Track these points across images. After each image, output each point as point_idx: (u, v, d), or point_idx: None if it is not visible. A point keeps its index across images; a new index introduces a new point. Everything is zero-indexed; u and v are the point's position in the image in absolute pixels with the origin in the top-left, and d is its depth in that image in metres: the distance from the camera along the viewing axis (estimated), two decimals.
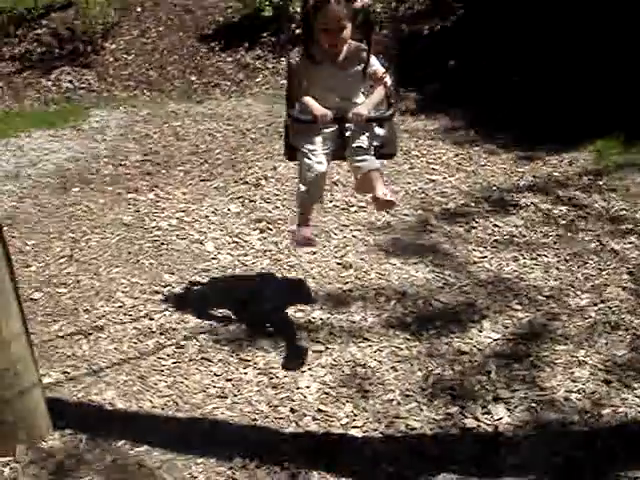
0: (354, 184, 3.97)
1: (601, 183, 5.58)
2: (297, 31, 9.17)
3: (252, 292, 4.44)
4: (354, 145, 3.73)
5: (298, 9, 9.22)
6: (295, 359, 3.82)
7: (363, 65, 3.73)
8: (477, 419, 3.35)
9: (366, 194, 4.15)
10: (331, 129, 3.75)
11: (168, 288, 4.51)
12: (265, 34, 9.20)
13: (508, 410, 3.39)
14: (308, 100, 3.70)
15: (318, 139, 3.74)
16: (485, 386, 3.55)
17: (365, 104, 3.72)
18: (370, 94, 3.83)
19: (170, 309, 4.29)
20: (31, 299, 4.42)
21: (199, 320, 4.17)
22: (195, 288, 4.52)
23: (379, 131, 3.86)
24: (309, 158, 3.69)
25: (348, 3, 3.56)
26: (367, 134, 3.77)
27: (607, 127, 6.24)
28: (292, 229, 4.10)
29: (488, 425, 3.31)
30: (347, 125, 3.73)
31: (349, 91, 3.81)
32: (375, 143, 3.81)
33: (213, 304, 4.33)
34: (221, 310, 4.26)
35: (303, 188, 3.73)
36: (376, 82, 3.79)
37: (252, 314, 4.21)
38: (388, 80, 3.75)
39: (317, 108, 3.63)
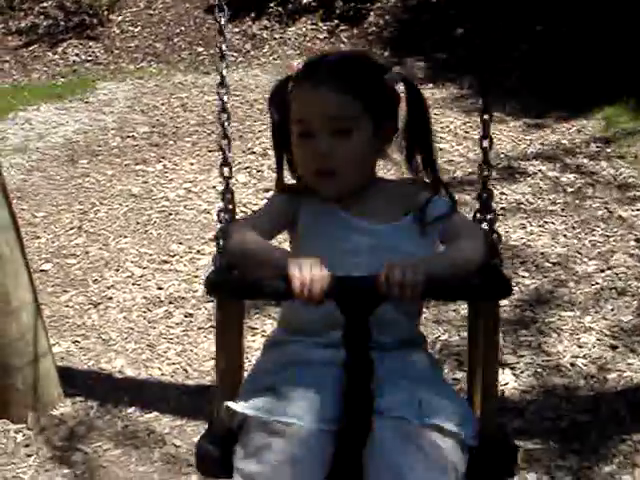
0: None
1: (609, 150, 5.57)
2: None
3: None
4: (383, 429, 1.55)
5: None
6: None
7: (415, 211, 1.79)
8: (498, 393, 3.36)
9: None
10: (328, 352, 1.64)
11: (176, 257, 4.54)
12: (272, 4, 9.16)
13: (514, 375, 3.41)
14: (275, 249, 1.73)
15: (309, 398, 1.58)
16: None
17: (423, 259, 1.63)
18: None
19: (179, 278, 4.32)
20: (41, 270, 4.46)
21: None
22: (203, 257, 4.55)
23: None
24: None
25: (359, 75, 1.75)
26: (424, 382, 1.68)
27: (616, 94, 6.21)
28: None
29: None
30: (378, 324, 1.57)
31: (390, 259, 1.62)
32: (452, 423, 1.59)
33: None
34: None
35: None
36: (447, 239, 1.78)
37: None
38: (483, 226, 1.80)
39: (303, 262, 1.51)
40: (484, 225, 1.77)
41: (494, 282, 1.63)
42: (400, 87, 1.81)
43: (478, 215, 1.79)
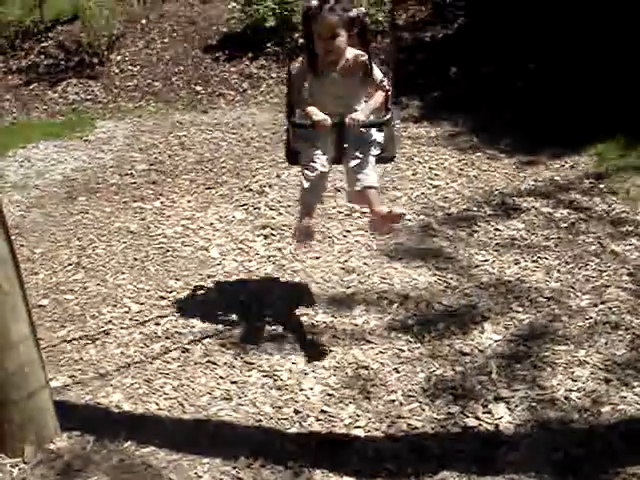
0: (348, 195, 4.10)
1: (602, 186, 5.63)
2: (300, 41, 9.26)
3: (256, 297, 4.49)
4: (352, 156, 3.85)
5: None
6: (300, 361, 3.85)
7: (362, 72, 3.85)
8: (478, 418, 3.39)
9: (362, 206, 4.29)
10: (331, 136, 3.84)
11: (174, 294, 4.58)
12: (269, 44, 9.29)
13: (509, 409, 3.43)
14: (308, 106, 3.82)
15: (319, 143, 3.87)
16: (486, 386, 3.59)
17: (362, 110, 3.86)
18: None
19: (176, 314, 4.35)
20: (39, 305, 4.49)
21: (204, 324, 4.23)
22: (200, 293, 4.59)
23: (377, 136, 3.96)
24: (311, 160, 3.86)
25: (342, 11, 3.70)
26: (365, 141, 3.89)
27: (608, 131, 6.30)
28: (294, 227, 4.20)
29: (489, 424, 3.35)
30: (346, 131, 3.81)
31: (349, 98, 3.93)
32: (374, 152, 3.92)
33: (218, 309, 4.39)
34: (226, 314, 4.31)
35: (306, 186, 3.86)
36: (374, 89, 3.93)
37: (256, 318, 4.27)
38: (386, 85, 3.88)
39: (316, 114, 3.75)
40: (386, 82, 3.89)
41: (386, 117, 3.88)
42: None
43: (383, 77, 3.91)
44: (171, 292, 4.60)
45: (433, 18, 9.24)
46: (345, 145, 3.85)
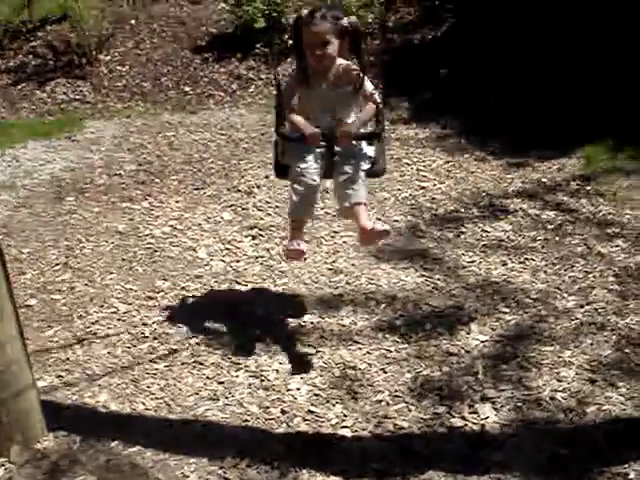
0: (339, 211, 4.15)
1: (589, 188, 5.67)
2: (289, 42, 9.28)
3: (244, 297, 4.50)
4: (341, 171, 3.77)
5: (290, 20, 9.35)
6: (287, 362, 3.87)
7: (353, 84, 3.79)
8: (464, 418, 3.41)
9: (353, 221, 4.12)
10: (322, 149, 3.78)
11: (161, 294, 4.58)
12: (258, 45, 9.29)
13: (495, 409, 3.45)
14: (298, 119, 3.76)
15: (309, 157, 3.77)
16: (472, 386, 3.61)
17: (353, 123, 3.82)
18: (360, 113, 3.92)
19: (163, 314, 4.36)
20: (26, 305, 4.48)
21: (192, 325, 4.23)
22: (188, 294, 4.59)
23: (368, 150, 3.88)
24: (301, 175, 3.74)
25: (334, 20, 3.66)
26: (355, 156, 3.81)
27: (596, 133, 6.33)
28: (285, 244, 4.04)
29: (475, 424, 3.37)
30: (336, 146, 3.78)
31: (340, 110, 3.86)
32: (364, 166, 3.83)
33: (206, 309, 4.39)
34: (214, 315, 4.32)
35: (296, 200, 3.76)
36: (365, 101, 3.87)
37: (244, 319, 4.28)
38: (377, 98, 3.83)
39: (307, 127, 3.69)
40: (377, 95, 3.86)
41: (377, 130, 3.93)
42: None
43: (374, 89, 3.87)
44: (159, 292, 4.60)
45: (422, 20, 9.26)
46: (335, 158, 3.79)
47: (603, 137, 6.30)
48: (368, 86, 3.83)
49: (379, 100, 3.83)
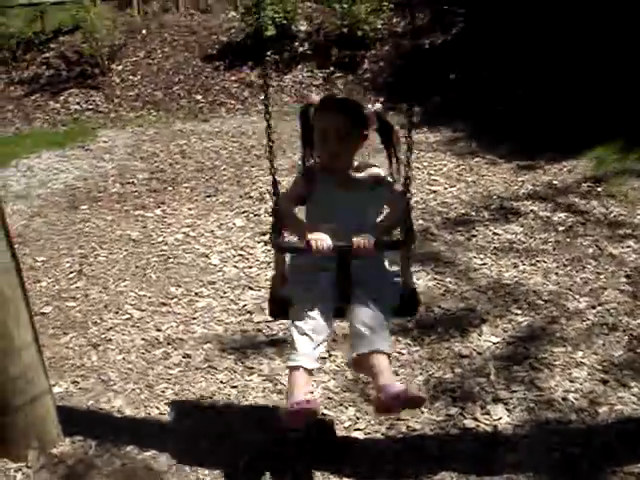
0: (349, 359, 3.30)
1: (600, 189, 5.67)
2: (300, 49, 9.32)
3: (257, 303, 4.53)
4: (359, 301, 2.90)
5: (301, 27, 9.40)
6: None
7: (377, 187, 3.03)
8: (476, 419, 3.42)
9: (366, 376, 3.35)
10: (332, 268, 2.91)
11: (175, 300, 4.61)
12: (269, 53, 9.35)
13: (507, 410, 3.46)
14: (300, 222, 3.02)
15: (317, 289, 2.91)
16: (485, 388, 3.62)
17: (374, 227, 3.00)
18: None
19: (177, 320, 4.39)
20: (42, 313, 4.53)
21: (205, 330, 4.27)
22: (201, 300, 4.62)
23: (395, 271, 3.05)
24: (307, 308, 2.87)
25: (354, 108, 2.97)
26: (381, 282, 3.00)
27: (606, 135, 6.35)
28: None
29: (487, 425, 3.38)
30: (354, 263, 2.90)
31: (359, 220, 2.98)
32: (391, 299, 2.96)
33: (219, 315, 4.43)
34: (227, 320, 4.35)
35: (299, 345, 2.86)
36: (391, 207, 3.09)
37: (257, 324, 4.31)
38: (404, 202, 2.86)
39: (312, 231, 2.85)
40: (406, 196, 2.85)
41: (407, 237, 2.90)
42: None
43: (405, 195, 2.86)
44: (172, 299, 4.64)
45: (432, 25, 9.29)
46: (351, 284, 2.92)
47: (613, 138, 6.32)
48: (395, 188, 3.01)
49: (409, 195, 2.84)
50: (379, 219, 3.12)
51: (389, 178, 3.04)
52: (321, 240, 2.80)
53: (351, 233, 2.84)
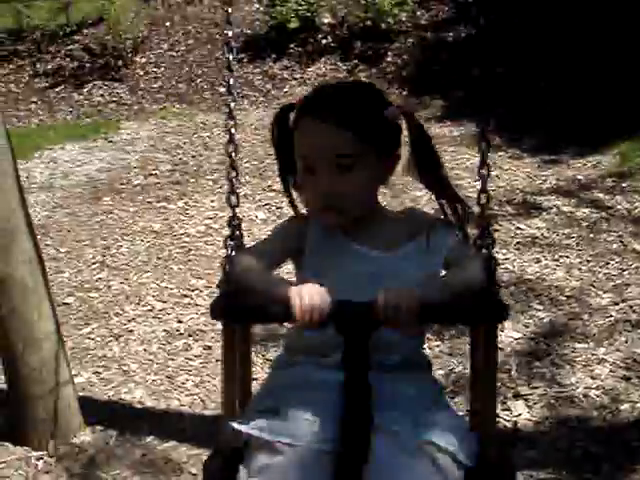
0: None
1: (624, 185, 5.62)
2: (323, 42, 9.30)
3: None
4: (388, 435, 1.60)
5: (325, 20, 9.39)
6: None
7: (421, 239, 1.81)
8: (497, 415, 3.39)
9: None
10: (329, 374, 1.66)
11: (196, 292, 4.63)
12: (292, 45, 9.35)
13: (527, 407, 3.44)
14: (275, 277, 1.81)
15: (303, 417, 1.62)
16: (505, 383, 3.60)
17: (426, 284, 1.72)
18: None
19: (198, 312, 4.40)
20: (64, 303, 4.55)
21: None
22: None
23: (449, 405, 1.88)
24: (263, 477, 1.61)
25: (361, 107, 1.77)
26: (425, 392, 1.79)
27: (631, 129, 6.29)
28: None
29: (507, 421, 3.36)
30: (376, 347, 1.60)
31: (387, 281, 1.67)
32: (446, 437, 1.63)
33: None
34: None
35: None
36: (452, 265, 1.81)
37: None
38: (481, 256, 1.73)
39: (303, 289, 1.57)
40: (483, 251, 1.72)
41: (489, 305, 1.64)
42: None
43: (478, 242, 1.74)
44: (193, 290, 4.65)
45: (456, 17, 9.24)
46: (367, 409, 1.58)
47: (638, 133, 6.24)
48: (456, 244, 1.82)
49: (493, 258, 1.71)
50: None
51: (441, 224, 1.85)
52: (311, 295, 1.55)
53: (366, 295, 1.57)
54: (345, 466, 1.56)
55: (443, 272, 1.83)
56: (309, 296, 1.54)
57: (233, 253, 1.78)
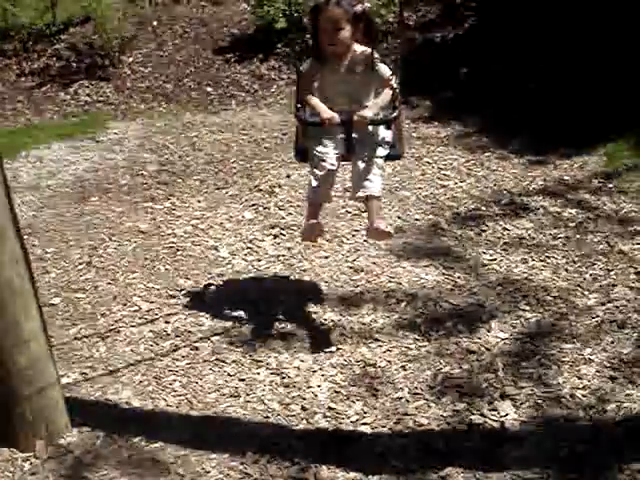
0: (352, 194, 4.03)
1: (611, 186, 5.65)
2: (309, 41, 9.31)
3: (265, 296, 4.53)
4: (359, 157, 3.89)
5: None
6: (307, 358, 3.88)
7: (368, 68, 3.90)
8: (483, 415, 3.41)
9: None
10: (340, 133, 3.88)
11: (183, 292, 4.62)
12: (279, 45, 9.33)
13: (514, 407, 3.45)
14: (316, 103, 3.88)
15: (328, 141, 3.92)
16: (492, 384, 3.62)
17: (369, 107, 3.88)
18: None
19: (185, 312, 4.39)
20: (51, 304, 4.54)
21: (213, 323, 4.27)
22: (210, 292, 4.63)
23: (386, 135, 3.97)
24: (320, 159, 3.89)
25: (348, 6, 3.80)
26: (374, 141, 3.92)
27: (617, 131, 6.33)
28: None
29: (494, 421, 3.38)
30: (355, 129, 3.84)
31: (357, 95, 3.96)
32: (382, 152, 3.94)
33: (227, 307, 4.42)
34: (235, 313, 4.35)
35: (314, 184, 3.91)
36: (382, 86, 3.94)
37: (265, 317, 4.31)
38: (394, 83, 3.88)
39: (324, 111, 3.81)
40: (394, 80, 3.86)
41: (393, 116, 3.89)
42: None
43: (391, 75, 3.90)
44: (181, 291, 4.64)
45: (443, 18, 9.26)
46: (353, 143, 3.88)
47: (625, 134, 6.29)
48: (383, 69, 3.91)
49: (395, 85, 3.86)
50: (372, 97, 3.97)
51: (382, 64, 3.91)
52: (331, 117, 3.76)
53: (352, 107, 3.85)
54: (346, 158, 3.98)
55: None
56: (331, 116, 3.77)
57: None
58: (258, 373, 3.83)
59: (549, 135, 6.63)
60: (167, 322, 4.31)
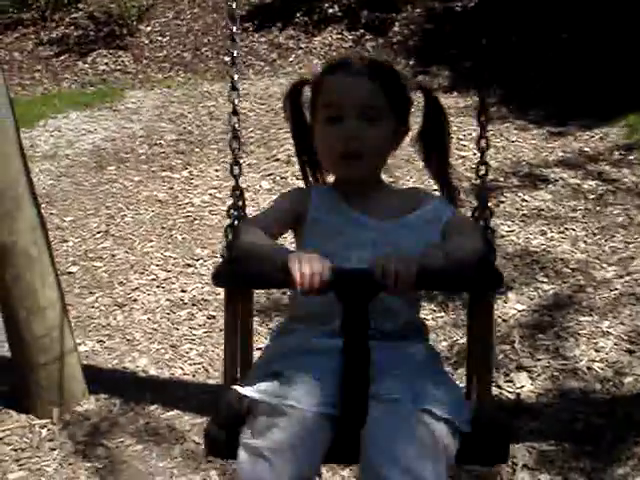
0: None
1: (632, 157, 5.57)
2: (329, 11, 9.22)
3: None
4: (385, 394, 1.62)
5: None
6: None
7: (422, 210, 1.89)
8: (500, 387, 3.40)
9: None
10: (333, 349, 1.64)
11: (200, 261, 4.63)
12: (298, 14, 9.25)
13: (531, 379, 3.44)
14: (274, 244, 1.82)
15: (303, 381, 1.63)
16: (509, 355, 3.60)
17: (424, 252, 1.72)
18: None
19: (202, 282, 4.40)
20: (68, 272, 4.56)
21: None
22: None
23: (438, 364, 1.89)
24: (264, 438, 1.60)
25: (382, 73, 1.89)
26: (426, 359, 1.83)
27: (639, 102, 6.22)
28: None
29: (510, 393, 3.37)
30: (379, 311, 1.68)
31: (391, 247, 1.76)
32: (446, 393, 1.68)
33: None
34: None
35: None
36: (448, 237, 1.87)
37: None
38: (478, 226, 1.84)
39: (303, 256, 1.57)
40: (481, 222, 1.81)
41: (485, 274, 1.66)
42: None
43: (476, 213, 1.83)
44: (198, 260, 4.65)
45: None
46: (366, 375, 1.62)
47: None
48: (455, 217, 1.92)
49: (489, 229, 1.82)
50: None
51: (439, 200, 1.96)
52: (310, 261, 1.55)
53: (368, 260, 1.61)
54: (344, 430, 1.61)
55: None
56: (309, 262, 1.54)
57: (235, 222, 1.83)
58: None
59: (569, 106, 6.54)
60: (184, 291, 4.33)
